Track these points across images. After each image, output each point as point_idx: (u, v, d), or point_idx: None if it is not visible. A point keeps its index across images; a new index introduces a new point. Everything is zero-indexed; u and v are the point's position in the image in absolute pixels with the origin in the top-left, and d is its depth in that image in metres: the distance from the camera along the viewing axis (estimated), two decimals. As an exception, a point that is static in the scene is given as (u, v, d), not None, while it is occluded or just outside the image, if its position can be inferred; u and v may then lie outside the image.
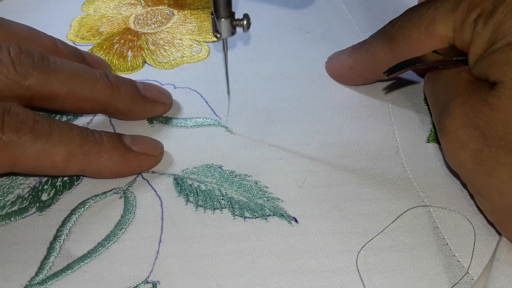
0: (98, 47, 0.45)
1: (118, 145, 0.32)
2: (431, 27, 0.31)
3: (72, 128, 0.31)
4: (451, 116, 0.28)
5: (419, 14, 0.32)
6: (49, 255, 0.29)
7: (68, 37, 0.46)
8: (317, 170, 0.34)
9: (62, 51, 0.37)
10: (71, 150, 0.30)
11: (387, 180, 0.33)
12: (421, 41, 0.32)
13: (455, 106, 0.28)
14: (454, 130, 0.28)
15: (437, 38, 0.31)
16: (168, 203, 0.32)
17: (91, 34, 0.47)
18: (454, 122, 0.28)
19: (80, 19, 0.49)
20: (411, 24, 0.32)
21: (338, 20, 0.48)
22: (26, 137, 0.29)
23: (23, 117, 0.30)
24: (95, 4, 0.51)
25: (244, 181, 0.33)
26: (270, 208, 0.31)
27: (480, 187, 0.28)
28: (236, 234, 0.30)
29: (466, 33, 0.29)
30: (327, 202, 0.32)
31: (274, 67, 0.42)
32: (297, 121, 0.37)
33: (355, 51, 0.37)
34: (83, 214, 0.32)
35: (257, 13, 0.49)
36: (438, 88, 0.31)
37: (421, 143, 0.35)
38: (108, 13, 0.49)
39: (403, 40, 0.33)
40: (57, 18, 0.49)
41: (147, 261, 0.29)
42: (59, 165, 0.30)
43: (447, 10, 0.30)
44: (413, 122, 0.37)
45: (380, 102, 0.38)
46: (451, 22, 0.30)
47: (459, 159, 0.28)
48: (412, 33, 0.32)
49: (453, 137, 0.28)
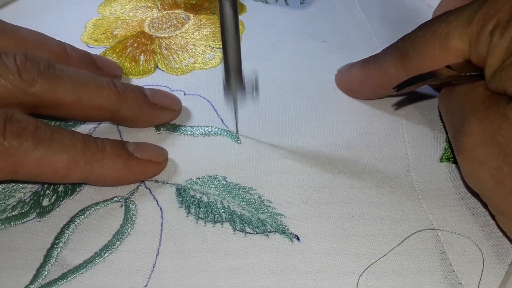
0: (111, 50, 0.45)
1: (121, 152, 0.32)
2: (446, 42, 0.30)
3: (75, 135, 0.31)
4: (468, 134, 0.27)
5: (432, 28, 0.31)
6: (45, 263, 0.29)
7: (82, 39, 0.46)
8: (324, 186, 0.32)
9: (72, 55, 0.37)
10: (73, 157, 0.30)
11: (395, 200, 0.32)
12: (435, 57, 0.31)
13: (473, 122, 0.27)
14: (472, 148, 0.27)
15: (452, 53, 0.30)
16: (169, 214, 0.31)
17: (105, 36, 0.46)
18: (472, 140, 0.27)
19: (95, 21, 0.49)
20: (425, 39, 0.31)
21: (356, 30, 0.46)
22: (27, 143, 0.29)
23: (25, 123, 0.29)
24: (111, 6, 0.50)
25: (247, 195, 0.32)
26: (272, 224, 0.30)
27: (502, 207, 0.26)
28: (235, 250, 0.29)
29: (482, 45, 0.28)
30: (331, 221, 0.31)
31: (287, 77, 0.41)
32: (307, 134, 0.36)
33: (366, 65, 0.36)
34: (83, 222, 0.31)
35: (273, 20, 0.48)
36: (454, 104, 0.30)
37: (433, 162, 0.34)
38: (123, 16, 0.49)
39: (417, 56, 0.31)
40: (73, 19, 0.49)
41: (143, 274, 0.28)
42: (60, 172, 0.30)
43: (462, 23, 0.29)
44: (426, 140, 0.35)
45: (394, 118, 0.37)
46: (466, 36, 0.29)
47: (479, 178, 0.27)
48: (426, 49, 0.31)
49: (472, 156, 0.27)
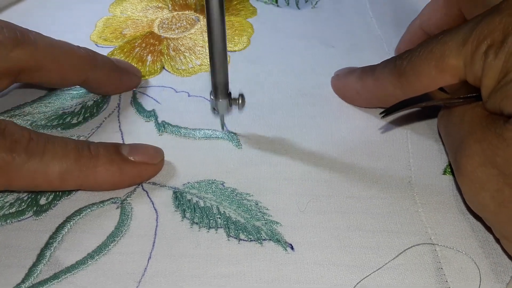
0: (119, 50, 0.45)
1: (115, 157, 0.32)
2: (441, 62, 0.29)
3: (67, 144, 0.31)
4: (467, 155, 0.26)
5: (428, 48, 0.30)
6: (38, 262, 0.29)
7: (91, 37, 0.46)
8: (322, 195, 0.32)
9: None
10: (66, 167, 0.30)
11: (394, 211, 0.31)
12: (431, 77, 0.30)
13: (471, 143, 0.26)
14: (472, 170, 0.26)
15: (448, 73, 0.29)
16: (164, 218, 0.31)
17: (114, 36, 0.46)
18: (471, 161, 0.26)
19: (105, 20, 0.49)
20: (421, 59, 0.30)
21: (366, 36, 0.46)
22: (20, 157, 0.29)
23: (17, 136, 0.29)
24: (122, 6, 0.50)
25: (244, 201, 0.32)
26: (267, 232, 0.30)
27: (506, 231, 0.26)
28: (228, 257, 0.29)
29: (477, 65, 0.27)
30: (327, 231, 0.30)
31: (293, 82, 0.41)
32: (309, 141, 0.36)
33: (364, 76, 0.36)
34: (78, 222, 0.31)
35: (283, 24, 0.47)
36: (452, 126, 0.29)
37: (436, 175, 0.33)
38: (134, 15, 0.49)
39: (413, 76, 0.31)
40: (83, 18, 0.49)
41: (134, 277, 0.28)
42: (54, 183, 0.30)
43: (457, 44, 0.28)
44: (431, 151, 0.35)
45: (398, 127, 0.36)
46: (461, 56, 0.28)
47: (480, 201, 0.26)
48: (422, 69, 0.30)
49: (472, 177, 0.26)
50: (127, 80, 0.40)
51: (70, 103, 0.39)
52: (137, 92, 0.40)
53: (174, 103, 0.39)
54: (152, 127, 0.37)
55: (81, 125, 0.37)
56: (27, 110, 0.39)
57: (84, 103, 0.39)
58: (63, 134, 0.37)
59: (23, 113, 0.38)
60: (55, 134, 0.37)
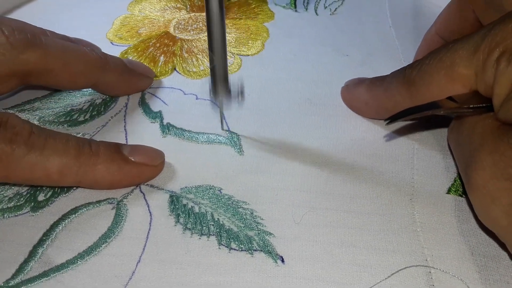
0: (133, 49, 0.45)
1: (115, 156, 0.32)
2: (452, 71, 0.28)
3: (68, 140, 0.31)
4: (478, 168, 0.25)
5: (438, 57, 0.29)
6: (29, 259, 0.29)
7: (107, 35, 0.47)
8: (319, 208, 0.31)
9: (50, 35, 0.38)
10: (65, 163, 0.30)
11: (391, 229, 0.30)
12: (441, 86, 0.29)
13: (483, 156, 0.25)
14: (483, 183, 0.25)
15: (458, 83, 0.28)
16: (158, 222, 0.31)
17: (130, 34, 0.47)
18: (482, 174, 0.25)
19: (123, 18, 0.49)
20: (431, 68, 0.29)
21: (383, 46, 0.45)
22: (20, 149, 0.29)
23: (19, 129, 0.30)
24: (141, 5, 0.51)
25: (240, 209, 0.31)
26: (259, 243, 0.30)
27: None
28: (216, 266, 0.28)
29: (488, 73, 0.26)
30: (320, 245, 0.29)
31: (302, 90, 0.40)
32: (312, 151, 0.35)
33: (373, 87, 0.35)
34: (73, 221, 0.31)
35: (299, 30, 0.47)
36: (463, 138, 0.28)
37: (439, 194, 0.32)
38: (151, 15, 0.49)
39: (423, 85, 0.30)
40: (101, 16, 0.49)
41: (120, 281, 0.28)
42: (53, 177, 0.30)
43: (467, 52, 0.27)
44: (436, 169, 0.33)
45: (405, 142, 0.35)
46: (472, 64, 0.27)
47: (492, 216, 0.25)
48: (432, 78, 0.29)
49: (483, 191, 0.25)
50: (138, 82, 0.40)
51: (79, 100, 0.40)
52: (146, 93, 0.40)
53: (181, 105, 0.39)
54: (157, 128, 0.37)
55: (87, 123, 0.38)
56: (36, 106, 0.39)
57: (93, 101, 0.39)
58: (69, 131, 0.37)
59: (32, 108, 0.39)
60: (61, 130, 0.37)
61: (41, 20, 0.48)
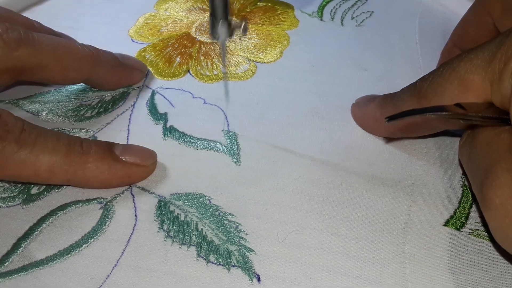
0: (152, 47, 0.45)
1: (106, 155, 0.32)
2: (465, 81, 0.26)
3: (59, 138, 0.31)
4: (495, 186, 0.24)
5: (451, 67, 0.27)
6: (12, 252, 0.30)
7: (129, 32, 0.47)
8: (306, 227, 0.30)
9: (39, 29, 0.39)
10: (55, 161, 0.30)
11: (378, 258, 0.29)
12: (454, 97, 0.27)
13: (499, 173, 0.24)
14: (500, 203, 0.23)
15: (472, 93, 0.27)
16: (141, 226, 0.31)
17: (151, 33, 0.47)
18: (500, 193, 0.23)
19: (148, 16, 0.49)
20: (443, 79, 0.28)
21: (405, 62, 0.43)
22: (10, 147, 0.29)
23: (10, 126, 0.30)
24: (167, 4, 0.50)
25: (225, 221, 0.31)
26: (238, 258, 0.29)
27: None
28: (191, 278, 0.28)
29: (505, 84, 0.25)
30: (300, 267, 0.28)
31: (313, 102, 0.39)
32: (310, 168, 0.34)
33: (383, 104, 0.33)
34: (60, 217, 0.31)
35: (322, 40, 0.45)
36: (477, 153, 0.26)
37: (436, 225, 0.30)
38: (176, 14, 0.49)
39: (435, 97, 0.28)
40: (127, 12, 0.49)
41: (94, 283, 0.28)
42: (42, 175, 0.31)
43: (483, 61, 0.26)
44: (437, 198, 0.32)
45: (410, 166, 0.33)
46: (488, 75, 0.26)
47: (510, 237, 0.24)
48: (444, 89, 0.28)
49: (501, 212, 0.23)
50: (130, 76, 0.40)
51: (90, 95, 0.40)
52: (156, 93, 0.40)
53: (188, 109, 0.39)
54: (159, 130, 0.37)
55: (93, 119, 0.38)
56: (47, 98, 0.40)
57: (102, 97, 0.40)
58: (74, 126, 0.37)
59: (43, 100, 0.39)
60: (67, 125, 0.37)
61: (67, 12, 0.49)
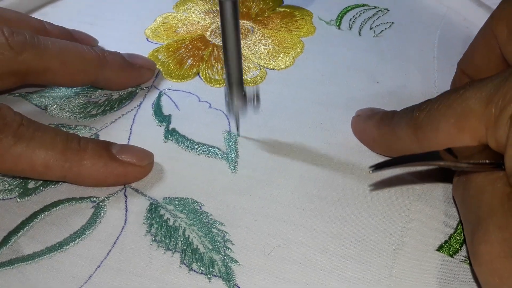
0: (165, 48, 0.45)
1: (103, 153, 0.32)
2: (461, 121, 0.26)
3: (57, 134, 0.31)
4: (486, 241, 0.23)
5: (448, 103, 0.27)
6: (1, 245, 0.30)
7: (145, 31, 0.47)
8: (294, 242, 0.30)
9: (50, 30, 0.40)
10: (51, 156, 0.31)
11: (363, 279, 0.28)
12: (450, 135, 0.27)
13: (491, 229, 0.23)
14: (490, 259, 0.23)
15: (467, 134, 0.26)
16: (130, 228, 0.31)
17: (167, 33, 0.47)
18: (490, 250, 0.23)
19: (166, 16, 0.49)
20: (440, 114, 0.27)
21: (419, 76, 0.42)
22: (7, 140, 0.30)
23: (9, 120, 0.30)
24: (187, 5, 0.51)
25: (214, 229, 0.30)
26: (220, 268, 0.28)
27: None
28: (172, 285, 0.28)
29: (501, 131, 0.24)
30: (282, 282, 0.28)
31: (318, 113, 0.38)
32: (306, 180, 0.33)
33: (381, 124, 0.32)
34: (52, 213, 0.32)
35: (336, 49, 0.44)
36: (470, 198, 0.26)
37: (427, 249, 0.29)
38: (194, 16, 0.49)
39: (430, 131, 0.28)
40: (145, 11, 0.49)
41: (76, 282, 0.28)
42: (38, 169, 0.31)
43: (479, 102, 0.25)
44: (433, 221, 0.30)
45: (407, 187, 0.32)
46: (484, 117, 0.25)
47: None
48: (440, 124, 0.27)
49: (490, 268, 0.23)
50: (138, 76, 0.40)
51: (99, 92, 0.40)
52: (163, 94, 0.40)
53: (192, 112, 0.38)
54: (161, 132, 0.37)
55: (98, 116, 0.38)
56: (56, 94, 0.40)
57: (110, 96, 0.40)
58: (79, 123, 0.38)
59: (52, 96, 0.40)
60: (72, 121, 0.38)
61: (90, 7, 0.49)
